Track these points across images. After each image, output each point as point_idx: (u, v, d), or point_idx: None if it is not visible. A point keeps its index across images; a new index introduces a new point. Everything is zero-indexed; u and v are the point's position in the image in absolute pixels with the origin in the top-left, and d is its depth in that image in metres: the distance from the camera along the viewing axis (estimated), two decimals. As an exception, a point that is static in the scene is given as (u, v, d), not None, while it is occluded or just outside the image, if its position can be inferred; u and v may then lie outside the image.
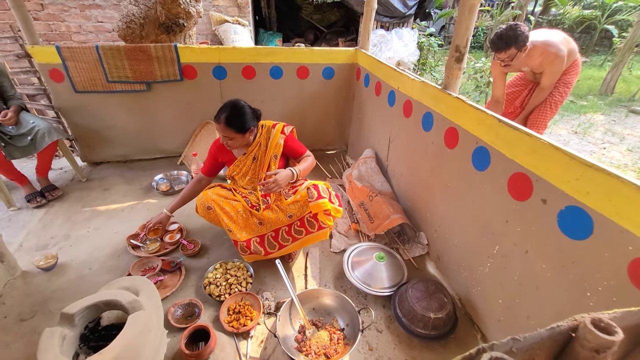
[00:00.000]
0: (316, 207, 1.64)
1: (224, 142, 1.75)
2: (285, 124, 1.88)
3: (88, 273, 1.86)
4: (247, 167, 1.86)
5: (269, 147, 1.83)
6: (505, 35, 2.15)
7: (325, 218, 1.69)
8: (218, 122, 1.67)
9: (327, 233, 1.74)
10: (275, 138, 1.83)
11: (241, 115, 1.68)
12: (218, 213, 1.72)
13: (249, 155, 1.85)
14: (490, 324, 1.53)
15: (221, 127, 1.67)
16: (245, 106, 1.72)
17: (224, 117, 1.65)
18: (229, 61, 2.66)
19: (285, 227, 1.76)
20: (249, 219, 1.77)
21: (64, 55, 2.35)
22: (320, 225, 1.71)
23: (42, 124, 2.27)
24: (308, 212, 1.72)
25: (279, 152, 1.84)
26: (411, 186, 2.17)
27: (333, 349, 1.37)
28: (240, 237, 1.70)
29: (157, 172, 2.75)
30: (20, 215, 2.32)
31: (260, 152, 1.84)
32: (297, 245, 1.77)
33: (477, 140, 1.51)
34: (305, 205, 1.72)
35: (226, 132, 1.68)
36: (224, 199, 1.75)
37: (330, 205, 1.66)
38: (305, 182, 1.82)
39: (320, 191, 1.68)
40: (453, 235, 1.75)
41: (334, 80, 2.95)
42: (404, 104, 2.12)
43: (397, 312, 1.59)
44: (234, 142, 1.73)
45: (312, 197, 1.66)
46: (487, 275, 1.51)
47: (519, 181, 1.30)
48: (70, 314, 1.19)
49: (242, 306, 1.62)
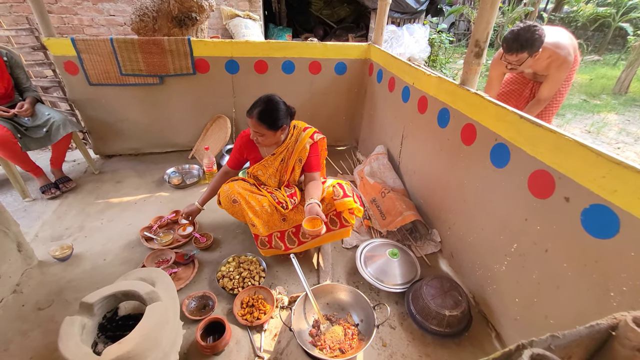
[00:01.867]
0: (342, 205, 1.65)
1: (254, 137, 1.69)
2: (316, 131, 1.82)
3: (103, 264, 1.88)
4: (274, 168, 1.80)
5: (295, 149, 1.76)
6: (522, 38, 1.90)
7: (349, 216, 1.69)
8: (250, 116, 1.61)
9: (349, 231, 1.75)
10: (302, 142, 1.75)
11: (275, 111, 1.61)
12: (243, 207, 1.71)
13: (278, 157, 1.78)
14: (505, 323, 1.51)
15: (253, 122, 1.61)
16: (280, 102, 1.65)
17: (257, 112, 1.58)
18: (241, 55, 2.66)
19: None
20: (273, 215, 1.75)
21: (79, 47, 2.36)
22: (343, 224, 1.72)
23: (57, 116, 2.29)
24: (332, 210, 1.72)
25: (304, 157, 1.76)
26: (424, 183, 2.15)
27: (348, 344, 1.36)
28: (262, 231, 1.71)
29: (169, 165, 2.77)
30: (35, 206, 2.34)
31: (287, 154, 1.78)
32: (317, 242, 1.77)
33: (496, 136, 1.49)
34: (330, 203, 1.72)
35: (257, 127, 1.61)
36: (249, 193, 1.74)
37: (355, 205, 1.66)
38: (328, 180, 1.82)
39: (345, 190, 1.68)
40: (468, 233, 1.74)
41: (346, 75, 2.93)
42: (419, 100, 2.10)
43: (410, 309, 1.59)
44: (264, 138, 1.66)
45: (337, 196, 1.66)
46: (503, 273, 1.50)
47: (541, 178, 1.28)
48: (89, 303, 1.20)
49: (256, 300, 1.63)
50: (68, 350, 1.05)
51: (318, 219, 1.52)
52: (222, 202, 1.81)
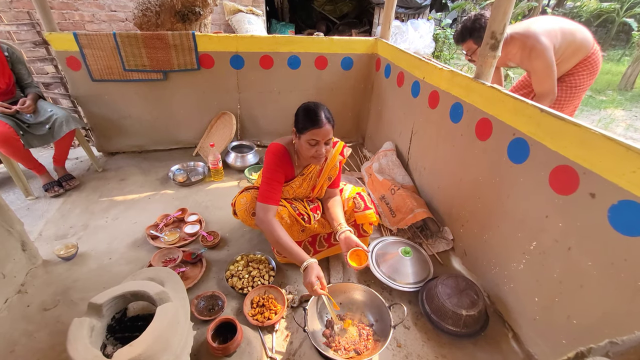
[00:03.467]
0: (363, 218, 1.61)
1: (320, 151, 1.42)
2: (345, 145, 1.66)
3: (108, 263, 1.84)
4: (303, 188, 1.65)
5: (325, 168, 1.59)
6: (463, 27, 1.98)
7: (368, 227, 1.66)
8: (320, 125, 1.35)
9: (367, 240, 1.70)
10: (333, 160, 1.59)
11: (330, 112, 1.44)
12: None
13: (307, 177, 1.61)
14: (523, 323, 1.47)
15: (327, 130, 1.37)
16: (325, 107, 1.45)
17: (326, 117, 1.37)
18: (246, 50, 2.61)
19: (324, 234, 1.72)
20: (292, 226, 1.63)
21: (82, 42, 2.31)
22: (361, 234, 1.69)
23: (60, 113, 2.24)
24: (352, 221, 1.68)
25: (334, 175, 1.63)
26: (435, 180, 2.11)
27: (363, 345, 1.33)
28: None
29: (173, 163, 2.72)
30: (39, 205, 2.30)
31: (315, 172, 1.62)
32: (331, 251, 1.74)
33: (514, 131, 1.44)
34: (350, 215, 1.67)
35: (330, 133, 1.40)
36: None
37: (375, 217, 1.62)
38: (345, 188, 1.76)
39: (366, 202, 1.64)
40: (483, 231, 1.69)
41: (353, 71, 2.88)
42: (430, 94, 2.05)
43: (425, 309, 1.55)
44: (329, 146, 1.44)
45: (359, 208, 1.62)
46: (521, 272, 1.46)
47: (563, 174, 1.23)
48: (98, 304, 1.16)
49: (266, 299, 1.59)
50: (77, 354, 1.01)
51: (362, 251, 1.42)
52: (239, 214, 1.67)
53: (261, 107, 2.90)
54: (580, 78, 2.01)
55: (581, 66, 1.98)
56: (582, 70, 1.99)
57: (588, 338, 1.16)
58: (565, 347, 1.27)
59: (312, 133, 1.36)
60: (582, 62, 1.97)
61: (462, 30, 2.02)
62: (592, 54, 1.95)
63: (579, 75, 2.00)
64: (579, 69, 1.99)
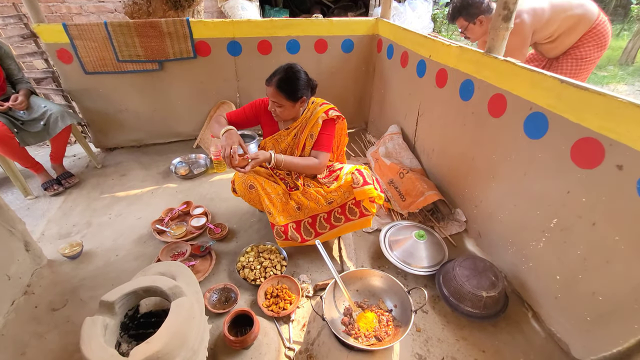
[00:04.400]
0: (361, 193, 1.54)
1: (272, 108, 1.60)
2: (333, 107, 1.68)
3: (115, 260, 1.79)
4: (287, 144, 1.71)
5: (307, 124, 1.65)
6: (453, 6, 2.02)
7: (369, 205, 1.60)
8: (269, 84, 1.52)
9: (370, 220, 1.64)
10: (315, 116, 1.64)
11: (295, 81, 1.52)
12: (260, 193, 1.61)
13: (292, 132, 1.68)
14: (544, 302, 1.45)
15: (271, 91, 1.52)
16: (301, 71, 1.55)
17: (276, 80, 1.50)
18: (243, 36, 2.51)
19: (324, 214, 1.66)
20: (287, 203, 1.65)
21: (72, 33, 2.21)
22: (363, 213, 1.61)
23: (54, 108, 2.16)
24: (351, 199, 1.61)
25: (316, 132, 1.64)
26: (445, 161, 2.05)
27: (383, 331, 1.29)
28: (278, 221, 1.60)
29: (173, 156, 2.66)
30: (39, 204, 2.24)
31: (300, 129, 1.68)
32: (335, 233, 1.68)
33: (531, 105, 1.39)
34: (348, 191, 1.60)
35: (276, 97, 1.52)
36: (265, 180, 1.64)
37: (375, 192, 1.56)
38: (345, 166, 1.71)
39: (365, 177, 1.57)
40: (498, 211, 1.65)
41: (354, 53, 2.79)
42: (437, 73, 1.98)
43: (443, 292, 1.52)
44: (282, 110, 1.56)
45: (357, 183, 1.55)
46: (541, 250, 1.42)
47: (587, 147, 1.18)
48: (110, 301, 1.12)
49: (280, 289, 1.55)
50: (92, 353, 0.97)
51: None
52: (237, 189, 1.70)
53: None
54: (587, 50, 1.97)
55: (586, 38, 1.95)
56: (587, 42, 1.95)
57: (617, 313, 1.14)
58: (590, 323, 1.24)
59: (266, 89, 1.55)
60: (587, 34, 1.94)
61: (452, 9, 2.06)
62: (597, 25, 1.91)
63: (584, 48, 1.97)
64: (585, 41, 1.96)
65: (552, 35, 1.97)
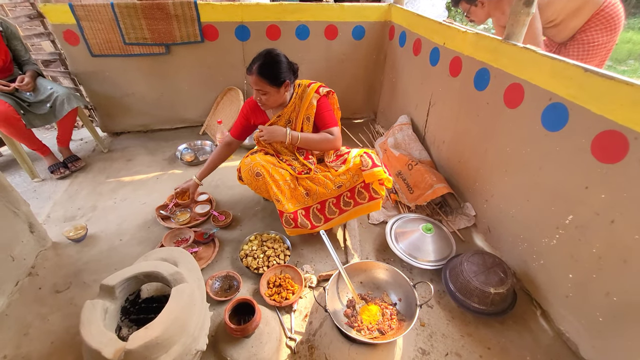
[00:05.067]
0: (371, 176, 1.50)
1: (257, 98, 1.57)
2: (322, 84, 1.68)
3: (119, 244, 1.79)
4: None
5: (301, 108, 1.63)
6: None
7: (379, 187, 1.55)
8: (250, 72, 1.49)
9: (380, 204, 1.60)
10: (308, 98, 1.62)
11: (276, 64, 1.48)
12: (267, 180, 1.58)
13: (283, 117, 1.65)
14: (554, 301, 1.40)
15: (254, 79, 1.48)
16: (281, 55, 1.51)
17: (257, 66, 1.46)
18: (252, 20, 2.45)
19: (332, 199, 1.63)
20: (296, 189, 1.61)
21: (78, 14, 2.18)
22: (372, 196, 1.57)
23: (60, 90, 2.15)
24: (360, 182, 1.57)
25: (312, 113, 1.63)
26: (456, 153, 1.99)
27: (387, 324, 1.27)
28: (287, 208, 1.57)
29: (180, 142, 2.64)
30: (45, 187, 2.25)
31: (294, 114, 1.66)
32: (344, 217, 1.64)
33: (550, 96, 1.32)
34: (357, 174, 1.57)
35: (259, 83, 1.48)
36: (272, 166, 1.61)
37: (385, 175, 1.51)
38: (353, 149, 1.67)
39: (374, 159, 1.53)
40: (510, 205, 1.60)
41: (365, 40, 2.71)
42: (451, 61, 1.91)
43: (449, 287, 1.48)
44: (268, 97, 1.53)
45: (366, 166, 1.51)
46: (554, 247, 1.37)
47: (609, 140, 1.12)
48: (110, 285, 1.11)
49: (283, 279, 1.53)
50: (91, 337, 0.96)
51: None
52: (243, 177, 1.68)
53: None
54: (594, 34, 1.84)
55: (594, 21, 1.81)
56: (595, 26, 1.82)
57: (632, 315, 1.09)
58: (602, 324, 1.19)
59: (248, 78, 1.52)
60: (594, 16, 1.80)
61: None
62: (605, 7, 1.78)
63: (592, 32, 1.84)
64: (592, 25, 1.82)
65: (555, 18, 1.86)
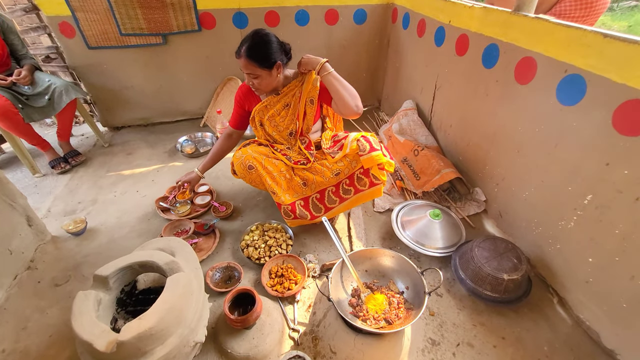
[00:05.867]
0: (369, 161, 1.42)
1: (249, 82, 1.49)
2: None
3: (119, 237, 1.75)
4: (276, 111, 1.60)
5: (303, 90, 1.56)
6: None
7: (379, 172, 1.47)
8: (239, 55, 1.40)
9: (381, 189, 1.52)
10: (309, 80, 1.55)
11: (265, 45, 1.39)
12: (261, 173, 1.52)
13: (282, 98, 1.58)
14: (572, 286, 1.32)
15: (243, 62, 1.40)
16: (270, 34, 1.42)
17: (245, 48, 1.37)
18: (250, 6, 2.38)
19: (332, 187, 1.56)
20: (292, 179, 1.55)
21: (73, 5, 2.13)
22: (372, 182, 1.49)
23: (58, 82, 2.11)
24: (359, 168, 1.50)
25: (315, 95, 1.56)
26: (464, 137, 1.91)
27: (394, 314, 1.20)
28: (284, 199, 1.51)
29: (180, 135, 2.59)
30: (46, 182, 2.23)
31: (294, 99, 1.59)
32: (345, 206, 1.57)
33: (565, 67, 1.23)
34: (355, 160, 1.49)
35: (249, 67, 1.40)
36: (265, 157, 1.55)
37: (384, 159, 1.44)
38: (350, 134, 1.59)
39: (371, 143, 1.45)
40: (522, 188, 1.51)
41: (367, 24, 2.62)
42: (457, 39, 1.82)
43: (459, 274, 1.41)
44: (260, 81, 1.45)
45: (363, 150, 1.43)
46: (571, 230, 1.28)
47: (632, 111, 1.03)
48: (103, 276, 1.06)
49: (285, 269, 1.48)
50: (82, 328, 0.92)
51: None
52: (237, 170, 1.62)
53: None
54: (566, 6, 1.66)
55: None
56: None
57: (661, 300, 1.01)
58: (626, 311, 1.11)
59: (238, 62, 1.43)
60: None
61: None
62: None
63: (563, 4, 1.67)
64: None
65: None
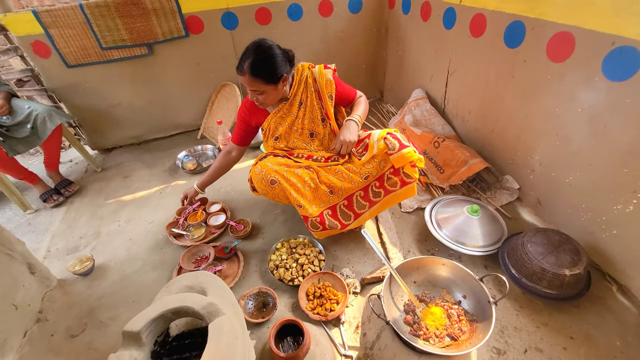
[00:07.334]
0: (401, 159, 1.30)
1: (253, 98, 1.37)
2: (325, 65, 1.49)
3: (132, 272, 1.60)
4: (294, 116, 1.48)
5: (320, 86, 1.45)
6: None
7: (411, 170, 1.35)
8: (242, 72, 1.28)
9: (414, 188, 1.40)
10: (322, 75, 1.45)
11: (269, 59, 1.27)
12: (285, 187, 1.37)
13: (293, 103, 1.46)
14: (634, 273, 1.24)
15: (247, 79, 1.28)
16: (272, 46, 1.29)
17: (248, 65, 1.25)
18: (238, 4, 2.21)
19: (360, 191, 1.43)
20: (317, 189, 1.42)
21: (45, 21, 1.93)
22: (404, 180, 1.36)
23: (39, 108, 1.92)
24: (389, 168, 1.38)
25: (333, 90, 1.46)
26: (487, 123, 1.80)
27: (456, 327, 1.10)
28: (312, 212, 1.38)
29: (178, 150, 2.42)
30: (40, 218, 2.04)
31: (307, 93, 1.46)
32: (376, 209, 1.45)
33: (613, 40, 1.12)
34: (384, 160, 1.37)
35: (254, 84, 1.29)
36: (287, 169, 1.41)
37: (416, 155, 1.32)
38: (373, 132, 1.46)
39: (400, 140, 1.33)
40: (566, 173, 1.42)
41: (363, 13, 2.48)
42: (472, 20, 1.70)
43: (511, 272, 1.32)
44: (265, 97, 1.34)
45: (393, 149, 1.31)
46: (630, 214, 1.20)
47: None
48: (135, 332, 0.92)
49: (323, 289, 1.36)
50: (124, 403, 0.78)
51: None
52: (257, 187, 1.46)
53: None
54: None
55: None
56: None
57: None
58: None
59: (239, 78, 1.32)
60: None
61: None
62: None
63: None
64: None
65: None
